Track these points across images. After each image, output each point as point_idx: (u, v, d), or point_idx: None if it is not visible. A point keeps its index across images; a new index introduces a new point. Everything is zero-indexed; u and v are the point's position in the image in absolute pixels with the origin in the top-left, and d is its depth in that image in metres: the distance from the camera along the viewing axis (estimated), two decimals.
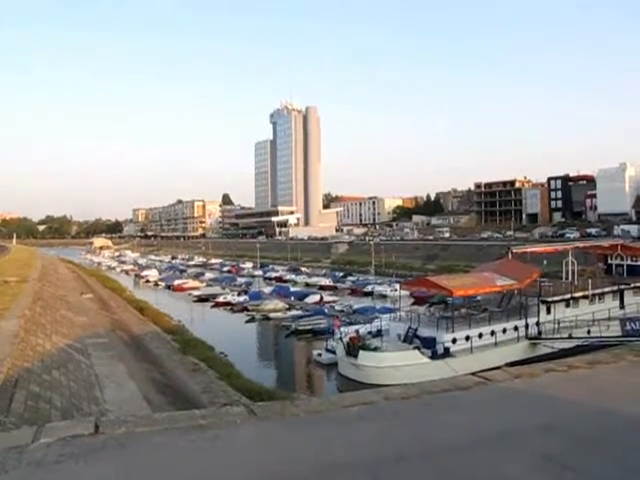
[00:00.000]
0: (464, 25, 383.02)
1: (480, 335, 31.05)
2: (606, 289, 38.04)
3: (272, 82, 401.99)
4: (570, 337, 32.71)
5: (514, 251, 40.05)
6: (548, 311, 34.47)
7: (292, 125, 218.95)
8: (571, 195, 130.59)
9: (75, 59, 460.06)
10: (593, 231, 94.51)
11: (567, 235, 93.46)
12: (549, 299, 34.89)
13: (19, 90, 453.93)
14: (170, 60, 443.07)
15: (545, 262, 42.13)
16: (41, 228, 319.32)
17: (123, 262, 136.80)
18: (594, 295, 37.06)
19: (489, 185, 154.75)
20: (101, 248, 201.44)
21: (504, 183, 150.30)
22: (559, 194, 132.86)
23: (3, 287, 26.80)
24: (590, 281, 37.46)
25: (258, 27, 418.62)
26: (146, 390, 16.64)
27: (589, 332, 32.88)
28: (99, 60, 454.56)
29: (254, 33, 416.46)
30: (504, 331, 32.11)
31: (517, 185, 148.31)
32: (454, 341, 30.10)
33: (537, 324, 33.27)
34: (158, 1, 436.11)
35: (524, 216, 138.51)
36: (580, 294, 36.43)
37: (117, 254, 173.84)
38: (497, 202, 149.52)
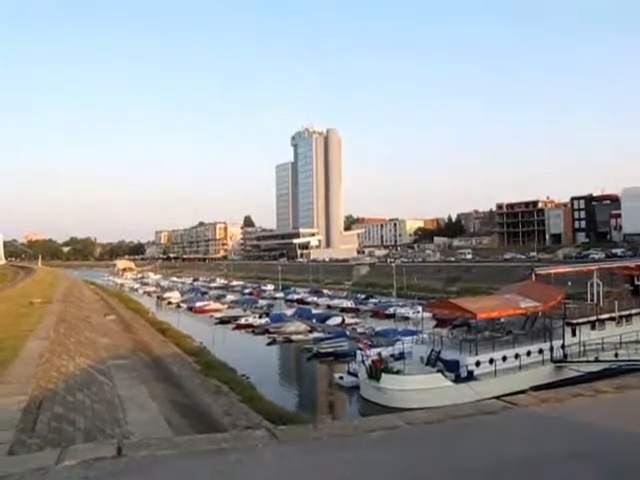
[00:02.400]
0: (484, 48, 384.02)
1: (504, 358, 30.59)
2: (633, 311, 37.26)
3: (294, 105, 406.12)
4: (597, 360, 32.07)
5: (538, 272, 39.55)
6: (573, 333, 33.86)
7: (313, 147, 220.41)
8: (595, 215, 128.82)
9: (101, 85, 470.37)
10: (619, 251, 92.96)
11: (592, 256, 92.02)
12: (574, 321, 34.30)
13: (50, 117, 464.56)
14: (192, 84, 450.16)
15: (569, 283, 41.44)
16: (65, 250, 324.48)
17: (145, 284, 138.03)
18: (621, 317, 36.35)
19: (511, 206, 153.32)
20: (124, 270, 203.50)
21: (526, 204, 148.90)
22: (583, 214, 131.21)
23: (29, 309, 27.19)
24: (616, 302, 36.75)
25: (280, 52, 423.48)
26: (168, 412, 16.65)
27: (617, 355, 32.19)
28: (122, 87, 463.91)
29: (276, 57, 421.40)
30: (528, 354, 31.61)
31: (540, 205, 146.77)
32: (478, 364, 29.69)
33: (562, 347, 32.69)
34: (180, 22, 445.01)
35: (547, 237, 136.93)
36: (606, 316, 35.76)
37: (140, 276, 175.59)
38: (519, 223, 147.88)
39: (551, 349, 32.27)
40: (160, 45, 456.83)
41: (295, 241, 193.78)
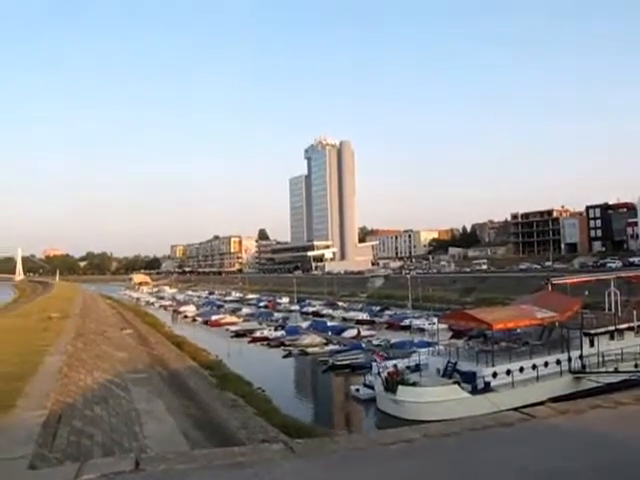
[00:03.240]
0: (502, 58, 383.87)
1: (521, 369, 30.31)
2: None
3: (307, 118, 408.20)
4: (616, 371, 31.60)
5: (554, 282, 39.22)
6: (591, 344, 33.43)
7: (327, 160, 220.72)
8: (611, 224, 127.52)
9: (118, 101, 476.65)
10: (636, 260, 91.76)
11: (609, 265, 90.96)
12: (592, 331, 33.88)
13: (67, 131, 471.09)
14: (205, 98, 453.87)
15: (586, 293, 41.03)
16: (82, 264, 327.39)
17: (161, 298, 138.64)
18: None
19: (526, 215, 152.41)
20: (140, 284, 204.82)
21: (541, 213, 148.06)
22: (598, 223, 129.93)
23: (47, 323, 27.45)
24: (635, 312, 36.26)
25: (292, 64, 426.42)
26: (184, 426, 16.65)
27: (637, 366, 31.75)
28: (137, 100, 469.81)
29: (288, 70, 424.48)
30: (546, 365, 31.28)
31: (555, 215, 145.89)
32: (495, 375, 29.42)
33: (580, 357, 32.27)
34: (194, 36, 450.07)
35: (563, 246, 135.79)
36: (625, 326, 35.28)
37: (155, 290, 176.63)
38: (535, 232, 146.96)
39: (569, 360, 31.90)
40: (169, 57, 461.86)
41: (310, 254, 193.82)
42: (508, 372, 29.74)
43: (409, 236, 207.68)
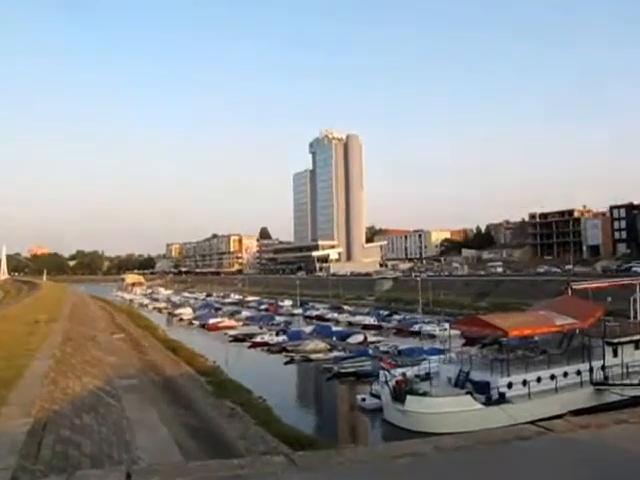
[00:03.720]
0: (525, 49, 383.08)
1: (539, 379, 30.26)
2: None
3: (311, 110, 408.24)
4: None
5: (574, 287, 39.13)
6: (615, 354, 33.32)
7: (333, 154, 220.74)
8: (637, 225, 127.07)
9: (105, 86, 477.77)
10: None
11: (634, 269, 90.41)
12: (615, 340, 33.76)
13: (48, 117, 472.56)
14: (202, 88, 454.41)
15: (609, 299, 40.88)
16: (71, 263, 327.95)
17: (156, 299, 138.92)
18: None
19: (544, 215, 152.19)
20: (133, 285, 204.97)
21: (561, 213, 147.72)
22: (623, 224, 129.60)
23: (34, 326, 27.49)
24: None
25: (296, 50, 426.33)
26: (179, 436, 16.68)
27: None
28: (126, 89, 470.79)
29: (292, 58, 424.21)
30: (565, 375, 31.20)
31: (576, 215, 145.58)
32: (510, 386, 29.38)
33: (602, 368, 32.16)
34: (186, 29, 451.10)
35: (584, 248, 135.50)
36: None
37: (149, 291, 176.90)
38: (554, 234, 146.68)
39: (590, 370, 31.79)
40: (166, 41, 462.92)
41: (314, 254, 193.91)
42: (524, 382, 29.69)
43: (419, 236, 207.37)
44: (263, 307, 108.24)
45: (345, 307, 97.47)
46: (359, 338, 58.01)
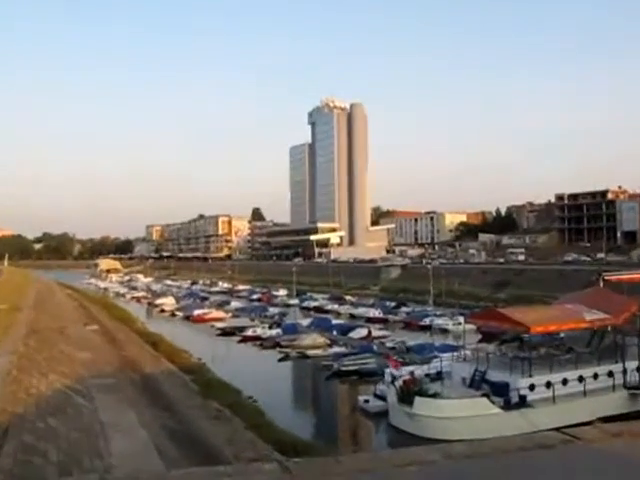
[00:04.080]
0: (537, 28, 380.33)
1: (564, 381, 30.28)
2: None
3: (311, 75, 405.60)
4: None
5: (607, 278, 39.08)
6: None
7: (334, 126, 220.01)
8: None
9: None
10: None
11: None
12: None
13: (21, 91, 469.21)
14: (192, 56, 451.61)
15: None
16: (37, 247, 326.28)
17: (134, 288, 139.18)
18: None
19: (574, 197, 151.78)
20: (108, 271, 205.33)
21: (593, 194, 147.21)
22: None
23: None
24: None
25: (293, 16, 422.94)
26: (159, 441, 16.76)
27: None
28: (115, 61, 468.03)
29: (288, 23, 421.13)
30: (595, 377, 31.21)
31: (610, 196, 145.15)
32: (532, 388, 29.43)
33: (638, 370, 32.18)
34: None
35: (619, 234, 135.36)
36: None
37: (127, 278, 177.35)
38: (584, 218, 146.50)
39: (624, 372, 31.79)
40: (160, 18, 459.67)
41: (312, 238, 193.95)
42: (548, 384, 29.71)
43: (431, 219, 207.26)
44: (255, 297, 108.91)
45: (347, 298, 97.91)
46: (362, 332, 58.01)
